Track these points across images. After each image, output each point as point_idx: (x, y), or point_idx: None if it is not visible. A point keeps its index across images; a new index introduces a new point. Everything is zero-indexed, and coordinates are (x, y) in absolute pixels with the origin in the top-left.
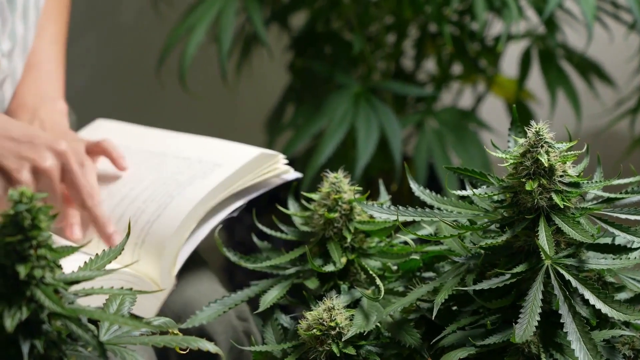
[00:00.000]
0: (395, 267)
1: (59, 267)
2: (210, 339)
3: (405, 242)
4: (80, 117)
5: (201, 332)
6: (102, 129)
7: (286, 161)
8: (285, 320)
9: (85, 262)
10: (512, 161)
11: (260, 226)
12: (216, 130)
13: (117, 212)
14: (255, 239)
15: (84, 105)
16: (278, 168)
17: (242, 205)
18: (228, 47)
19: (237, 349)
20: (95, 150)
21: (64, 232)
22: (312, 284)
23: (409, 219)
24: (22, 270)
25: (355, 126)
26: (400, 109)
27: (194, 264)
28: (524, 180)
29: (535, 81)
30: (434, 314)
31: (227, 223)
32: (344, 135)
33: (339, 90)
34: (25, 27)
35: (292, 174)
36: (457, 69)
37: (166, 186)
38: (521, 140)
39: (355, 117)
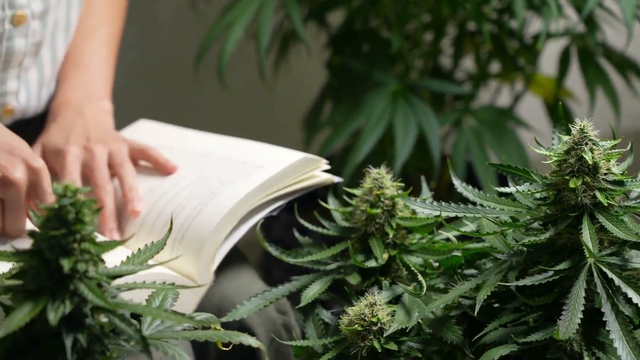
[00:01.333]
0: (436, 264)
1: (102, 261)
2: (250, 332)
3: (447, 239)
4: (118, 114)
5: (241, 325)
6: (145, 130)
7: (328, 166)
8: (326, 315)
9: (127, 256)
10: (556, 158)
11: (302, 221)
12: (253, 128)
13: (157, 207)
14: (296, 234)
15: (122, 103)
16: (319, 174)
17: (282, 204)
18: (266, 45)
19: (276, 343)
20: (139, 155)
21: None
22: (353, 279)
23: (452, 214)
24: (65, 264)
25: (393, 124)
26: (438, 108)
27: (234, 259)
28: (567, 177)
29: (574, 80)
30: (476, 310)
31: (264, 221)
32: (382, 133)
33: (377, 88)
34: None
35: (335, 179)
36: (495, 67)
37: (208, 184)
38: (565, 138)
39: (394, 115)
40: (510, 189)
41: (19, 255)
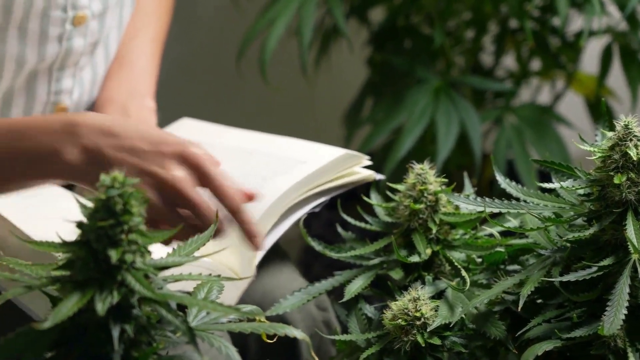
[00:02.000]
0: (479, 260)
1: (149, 252)
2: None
3: (490, 235)
4: (160, 110)
5: (281, 321)
6: (187, 127)
7: (370, 163)
8: (369, 310)
9: (173, 248)
10: (600, 155)
11: (345, 217)
12: (294, 125)
13: None
14: (339, 229)
15: (163, 98)
16: (361, 170)
17: (324, 201)
18: (309, 40)
19: (316, 339)
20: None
21: None
22: (396, 274)
23: (496, 210)
24: (113, 255)
25: (435, 121)
26: (478, 105)
27: (275, 255)
28: (612, 173)
29: (616, 78)
30: (520, 306)
31: (304, 218)
32: (424, 129)
33: (418, 85)
34: None
35: (376, 176)
36: (535, 65)
37: (249, 180)
38: (610, 134)
39: (435, 111)
40: (554, 185)
41: (66, 246)
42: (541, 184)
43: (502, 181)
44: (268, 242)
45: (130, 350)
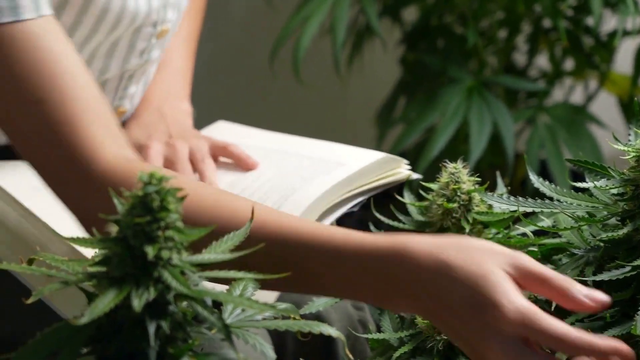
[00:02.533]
0: None
1: (186, 249)
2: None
3: (523, 234)
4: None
5: (317, 319)
6: (223, 130)
7: (409, 166)
8: None
9: (210, 245)
10: (634, 154)
11: (378, 215)
12: (326, 123)
13: None
14: (372, 228)
15: (196, 97)
16: (401, 172)
17: (362, 201)
18: (342, 40)
19: (352, 338)
20: (220, 152)
21: None
22: None
23: (529, 209)
24: (150, 251)
25: (468, 120)
26: (511, 105)
27: None
28: None
29: None
30: (553, 306)
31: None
32: (457, 129)
33: (451, 84)
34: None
35: (414, 175)
36: (569, 64)
37: (288, 180)
38: None
39: (468, 111)
40: (588, 184)
41: (103, 242)
42: (574, 184)
43: (536, 180)
44: None
45: (166, 346)
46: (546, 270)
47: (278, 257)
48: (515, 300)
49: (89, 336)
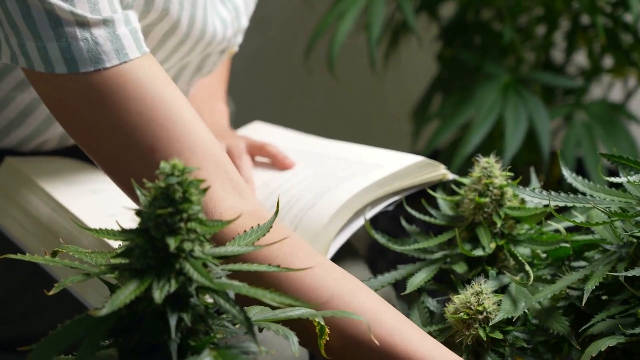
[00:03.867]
0: (544, 255)
1: (208, 241)
2: None
3: (556, 231)
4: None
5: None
6: (260, 131)
7: (447, 171)
8: (431, 304)
9: (233, 238)
10: None
11: (409, 209)
12: (362, 120)
13: (271, 199)
14: (403, 222)
15: (235, 96)
16: (437, 174)
17: (398, 200)
18: (378, 35)
19: None
20: (257, 152)
21: None
22: (460, 268)
23: (561, 204)
24: (171, 243)
25: (503, 117)
26: (548, 102)
27: (347, 252)
28: None
29: None
30: (584, 301)
31: (380, 220)
32: (492, 125)
33: (487, 81)
34: None
35: (450, 175)
36: (608, 62)
37: (324, 179)
38: None
39: (504, 107)
40: (621, 179)
41: (125, 234)
42: (608, 178)
43: (569, 175)
44: (340, 240)
45: (187, 339)
46: None
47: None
48: None
49: (110, 328)
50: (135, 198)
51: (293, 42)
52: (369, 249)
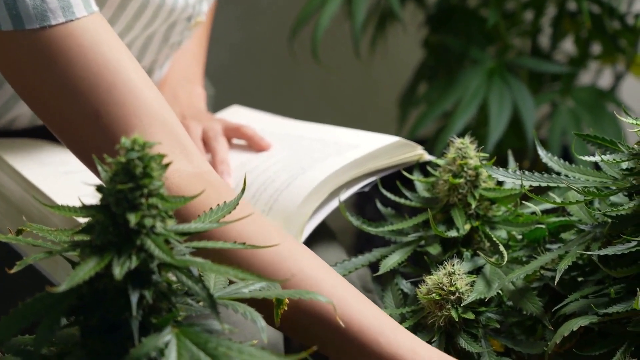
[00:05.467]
0: (520, 237)
1: (171, 217)
2: None
3: (533, 213)
4: (218, 91)
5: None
6: (237, 114)
7: (424, 152)
8: (405, 285)
9: (199, 215)
10: None
11: (384, 191)
12: (350, 106)
13: (247, 180)
14: (379, 205)
15: (222, 81)
16: (414, 154)
17: (373, 181)
18: (361, 22)
19: None
20: (234, 134)
21: None
22: (434, 250)
23: (535, 184)
24: (132, 219)
25: (487, 102)
26: (536, 89)
27: (322, 234)
28: None
29: None
30: (556, 280)
31: (358, 201)
32: (476, 110)
33: (472, 66)
34: None
35: (427, 156)
36: (596, 49)
37: (299, 161)
38: None
39: (488, 92)
40: (595, 158)
41: (86, 210)
42: (582, 157)
43: (544, 155)
44: (315, 221)
45: (149, 316)
46: None
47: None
48: None
49: (70, 306)
50: (87, 163)
51: (282, 32)
52: (357, 238)
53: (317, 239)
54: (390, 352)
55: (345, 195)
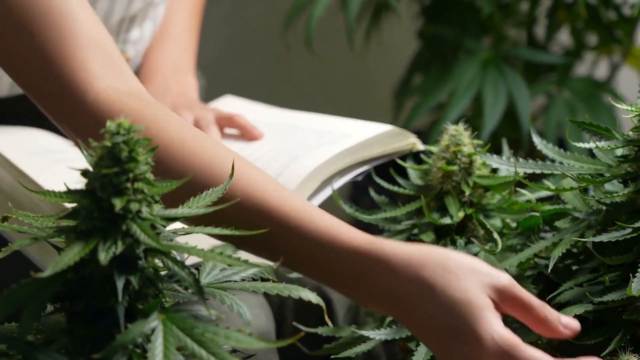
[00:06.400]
0: (514, 225)
1: (158, 202)
2: (326, 298)
3: (528, 201)
4: (212, 84)
5: (319, 291)
6: (230, 104)
7: (417, 141)
8: None
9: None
10: (636, 113)
11: (377, 179)
12: (345, 97)
13: None
14: (372, 193)
15: (217, 75)
16: (407, 142)
17: (367, 170)
18: (355, 12)
19: (353, 310)
20: (226, 123)
21: None
22: (428, 237)
23: (529, 171)
24: (117, 203)
25: (482, 93)
26: (531, 80)
27: None
28: None
29: None
30: (550, 267)
31: (353, 193)
32: (470, 101)
33: (467, 57)
34: None
35: (420, 145)
36: (592, 40)
37: (292, 149)
38: None
39: (483, 83)
40: (589, 144)
41: (71, 195)
42: (576, 144)
43: (539, 142)
44: None
45: (135, 302)
46: (527, 296)
47: (254, 219)
48: (496, 331)
49: (56, 292)
50: (44, 107)
51: (275, 24)
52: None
53: None
54: (326, 227)
55: (339, 184)
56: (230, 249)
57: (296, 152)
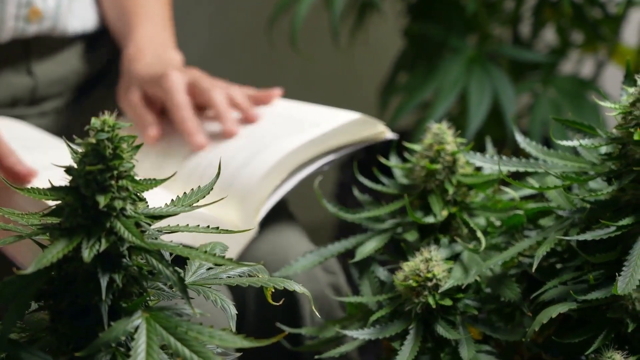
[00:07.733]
0: (498, 223)
1: (142, 200)
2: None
3: (512, 199)
4: None
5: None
6: None
7: (386, 128)
8: (382, 273)
9: (172, 199)
10: (620, 111)
11: (360, 178)
12: (330, 96)
13: (208, 158)
14: (356, 192)
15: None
16: (376, 132)
17: (334, 159)
18: (340, 11)
19: (319, 302)
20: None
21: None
22: (411, 236)
23: (513, 169)
24: (101, 201)
25: (467, 91)
26: (516, 78)
27: (282, 214)
28: (632, 130)
29: None
30: (534, 266)
31: (340, 193)
32: (456, 99)
33: (452, 55)
34: None
35: (388, 134)
36: (577, 38)
37: (261, 138)
38: (631, 90)
39: (468, 81)
40: (573, 142)
41: (55, 192)
42: (559, 142)
43: (522, 141)
44: (275, 198)
45: (119, 301)
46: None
47: None
48: None
49: (40, 290)
50: None
51: (258, 18)
52: (339, 230)
53: (276, 219)
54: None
55: (306, 172)
56: (220, 248)
57: (265, 142)
